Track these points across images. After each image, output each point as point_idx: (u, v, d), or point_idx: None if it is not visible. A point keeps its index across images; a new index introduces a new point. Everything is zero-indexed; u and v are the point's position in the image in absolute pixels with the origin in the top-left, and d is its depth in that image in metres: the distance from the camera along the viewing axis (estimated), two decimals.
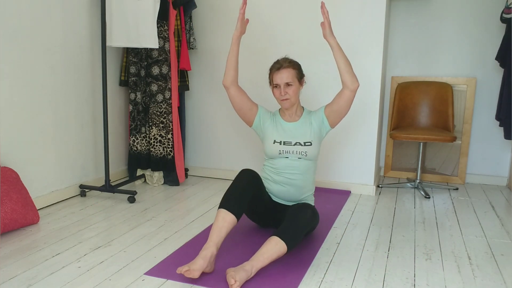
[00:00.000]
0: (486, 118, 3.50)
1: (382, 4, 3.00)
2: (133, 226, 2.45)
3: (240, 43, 3.38)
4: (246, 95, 2.26)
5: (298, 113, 2.26)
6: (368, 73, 3.10)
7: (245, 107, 2.26)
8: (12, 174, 2.39)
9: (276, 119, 2.28)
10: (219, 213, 1.92)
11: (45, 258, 2.02)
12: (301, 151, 2.18)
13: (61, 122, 2.84)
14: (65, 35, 2.81)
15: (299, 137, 2.20)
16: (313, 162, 2.24)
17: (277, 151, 2.20)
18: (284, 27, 3.24)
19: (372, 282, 1.84)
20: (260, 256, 1.79)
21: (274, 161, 2.23)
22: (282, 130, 2.23)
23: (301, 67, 2.26)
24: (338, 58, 2.09)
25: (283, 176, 2.21)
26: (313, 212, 2.00)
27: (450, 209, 2.89)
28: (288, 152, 2.19)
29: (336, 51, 2.09)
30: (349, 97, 2.13)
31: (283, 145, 2.20)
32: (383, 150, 3.77)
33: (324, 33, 2.11)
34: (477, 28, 3.42)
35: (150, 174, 3.37)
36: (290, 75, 2.16)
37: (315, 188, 3.30)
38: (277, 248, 1.81)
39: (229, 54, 2.21)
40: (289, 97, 2.16)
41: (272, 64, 2.23)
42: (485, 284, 1.84)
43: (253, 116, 2.28)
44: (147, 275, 1.86)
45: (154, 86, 3.22)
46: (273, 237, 1.84)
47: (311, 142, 2.20)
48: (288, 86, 2.16)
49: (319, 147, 2.24)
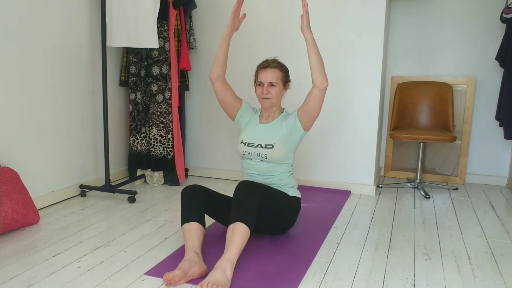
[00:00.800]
0: (486, 118, 3.50)
1: (382, 4, 3.00)
2: (133, 226, 2.45)
3: (239, 43, 3.41)
4: (230, 91, 2.25)
5: (274, 116, 2.24)
6: (368, 73, 3.10)
7: (228, 102, 2.26)
8: (12, 174, 2.39)
9: (253, 118, 2.28)
10: (184, 229, 1.96)
11: (45, 258, 2.02)
12: (261, 153, 2.16)
13: (61, 122, 2.84)
14: (65, 35, 2.81)
15: (262, 139, 2.18)
16: (278, 165, 2.19)
17: (241, 152, 2.24)
18: (284, 27, 3.24)
19: (372, 282, 1.84)
20: (226, 248, 1.79)
21: (242, 162, 2.28)
22: (252, 131, 2.24)
23: (289, 72, 2.24)
24: (312, 55, 2.02)
25: (247, 177, 2.25)
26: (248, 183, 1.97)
27: (450, 209, 2.89)
28: (250, 154, 2.20)
29: (311, 47, 2.02)
30: (318, 97, 2.06)
31: (247, 146, 2.21)
32: (383, 150, 3.78)
33: (302, 26, 2.02)
34: (477, 28, 3.42)
35: (150, 174, 3.37)
36: (276, 76, 2.14)
37: (316, 188, 3.30)
38: (236, 230, 1.81)
39: (218, 50, 2.18)
40: (270, 97, 2.14)
41: (260, 62, 2.23)
42: (485, 284, 1.84)
43: (235, 112, 2.30)
44: (147, 275, 1.86)
45: (154, 86, 3.22)
46: (229, 226, 1.86)
47: (273, 145, 2.15)
48: (271, 86, 2.14)
49: (285, 151, 2.17)
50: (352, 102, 3.17)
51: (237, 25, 2.18)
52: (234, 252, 1.77)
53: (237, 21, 2.16)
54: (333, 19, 3.13)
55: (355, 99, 3.15)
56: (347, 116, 3.20)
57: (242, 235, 1.81)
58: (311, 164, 3.35)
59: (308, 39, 2.02)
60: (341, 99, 3.19)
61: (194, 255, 1.84)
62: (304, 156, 3.35)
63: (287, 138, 2.17)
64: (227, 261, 1.74)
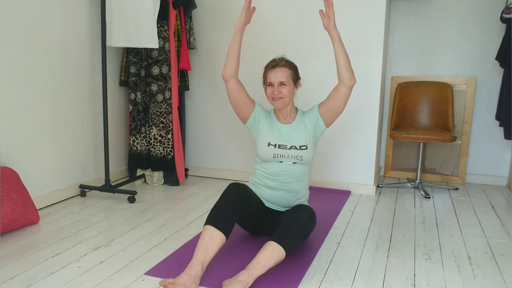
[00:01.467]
0: (486, 118, 3.50)
1: (382, 4, 3.00)
2: (133, 226, 2.45)
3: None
4: (245, 91, 2.12)
5: (292, 115, 2.15)
6: (368, 73, 3.10)
7: (242, 103, 2.12)
8: (12, 174, 2.39)
9: (271, 120, 2.16)
10: (206, 230, 1.81)
11: (45, 258, 2.02)
12: (296, 155, 2.08)
13: (61, 122, 2.84)
14: (65, 35, 2.81)
15: (294, 141, 2.09)
16: (308, 166, 2.15)
17: (271, 155, 2.09)
18: (284, 27, 3.24)
19: (372, 282, 1.84)
20: (257, 263, 1.72)
21: (267, 166, 2.12)
22: (277, 133, 2.12)
23: (298, 69, 2.16)
24: (339, 53, 1.97)
25: (277, 181, 2.11)
26: (310, 214, 1.93)
27: (450, 209, 2.89)
28: (282, 156, 2.08)
29: (338, 45, 1.96)
30: (346, 94, 2.02)
31: (278, 148, 2.08)
32: (383, 150, 3.77)
33: (327, 25, 1.96)
34: (477, 28, 3.42)
35: (150, 174, 3.37)
36: (285, 75, 2.06)
37: (315, 188, 3.30)
38: (275, 253, 1.75)
39: (230, 45, 2.04)
40: (283, 96, 2.05)
41: (268, 62, 2.13)
42: (485, 284, 1.84)
43: (249, 114, 2.15)
44: (147, 275, 1.86)
45: (154, 86, 3.22)
46: (270, 242, 1.77)
47: (307, 146, 2.09)
48: (282, 85, 2.05)
49: (314, 150, 2.14)
50: (352, 102, 3.16)
51: (249, 18, 2.05)
52: (261, 273, 1.72)
53: (249, 13, 2.04)
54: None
55: (355, 99, 3.15)
56: (347, 116, 3.20)
57: (276, 261, 1.76)
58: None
59: (335, 37, 1.96)
60: None
61: (199, 272, 1.71)
62: None
63: (314, 136, 2.12)
64: (252, 278, 1.69)
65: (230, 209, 1.87)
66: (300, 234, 1.85)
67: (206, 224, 1.83)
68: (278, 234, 1.81)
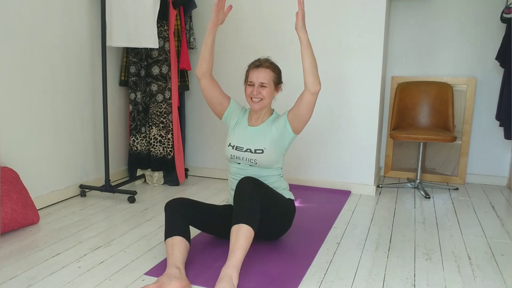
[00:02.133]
0: (486, 118, 3.50)
1: (382, 4, 2.99)
2: (133, 226, 2.45)
3: (240, 43, 3.41)
4: (218, 89, 2.13)
5: (264, 118, 2.13)
6: (368, 73, 3.10)
7: (215, 101, 2.14)
8: (12, 174, 2.39)
9: (242, 119, 2.17)
10: (166, 244, 1.87)
11: (45, 258, 2.02)
12: (250, 158, 2.06)
13: (61, 122, 2.84)
14: (65, 35, 2.81)
15: (251, 144, 2.07)
16: (267, 169, 2.10)
17: (229, 155, 2.13)
18: (284, 27, 3.24)
19: (372, 282, 1.84)
20: (231, 252, 1.73)
21: (229, 166, 2.18)
22: (240, 134, 2.13)
23: (281, 73, 2.14)
24: (305, 56, 1.92)
25: (236, 181, 2.11)
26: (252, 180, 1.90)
27: (450, 209, 2.89)
28: (238, 158, 2.09)
29: (305, 47, 1.92)
30: (310, 100, 1.96)
31: (235, 150, 2.10)
32: (383, 150, 3.77)
33: (296, 25, 1.93)
34: (477, 28, 3.42)
35: (150, 174, 3.37)
36: (268, 76, 2.04)
37: (316, 188, 3.30)
38: (241, 233, 1.75)
39: (202, 45, 2.06)
40: (262, 97, 2.03)
41: (252, 61, 2.11)
42: (485, 284, 1.84)
43: (223, 111, 2.18)
44: (147, 275, 1.86)
45: (154, 86, 3.22)
46: (232, 227, 1.79)
47: (263, 150, 2.04)
48: (262, 86, 2.03)
49: (275, 155, 2.08)
50: (352, 102, 3.16)
51: (222, 18, 2.04)
52: (239, 257, 1.71)
53: (222, 13, 2.03)
54: (333, 19, 3.13)
55: (355, 99, 3.15)
56: (347, 116, 3.20)
57: (247, 238, 1.75)
58: (311, 164, 3.35)
59: (303, 38, 1.93)
60: (341, 99, 3.19)
61: (175, 271, 1.73)
62: (304, 156, 3.35)
63: (277, 142, 2.08)
64: (233, 268, 1.69)
65: (176, 217, 1.92)
66: (252, 202, 1.82)
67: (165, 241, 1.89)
68: (234, 216, 1.82)
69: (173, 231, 1.88)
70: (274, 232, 2.20)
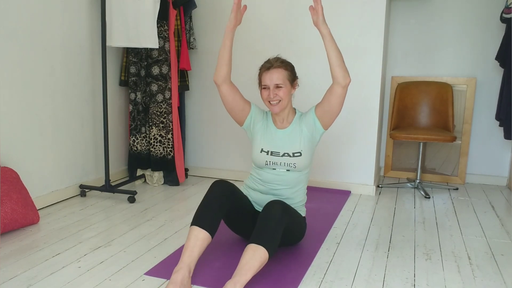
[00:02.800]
0: (486, 118, 3.50)
1: (382, 4, 3.00)
2: (133, 226, 2.45)
3: (239, 43, 3.41)
4: (239, 94, 2.03)
5: (289, 119, 2.05)
6: (368, 73, 3.10)
7: (237, 107, 2.04)
8: (12, 174, 2.39)
9: (267, 123, 2.08)
10: (191, 231, 1.76)
11: (45, 258, 2.02)
12: (289, 163, 1.99)
13: (61, 122, 2.84)
14: (65, 35, 2.81)
15: (288, 147, 2.00)
16: (303, 173, 2.06)
17: (263, 162, 2.02)
18: (284, 26, 3.24)
19: (372, 282, 1.84)
20: (241, 269, 1.65)
21: (260, 172, 2.06)
22: (271, 138, 2.04)
23: (295, 68, 2.05)
24: (330, 50, 1.85)
25: (268, 187, 2.05)
26: (282, 206, 1.82)
27: (450, 209, 2.89)
28: (275, 164, 2.01)
29: (328, 41, 1.85)
30: (341, 94, 1.90)
31: (270, 155, 2.01)
32: (383, 150, 3.77)
33: (316, 20, 1.86)
34: (477, 28, 3.42)
35: (150, 174, 3.37)
36: (281, 76, 1.95)
37: (316, 188, 3.30)
38: (257, 255, 1.67)
39: (221, 48, 1.94)
40: (279, 99, 1.95)
41: (263, 63, 2.02)
42: (485, 284, 1.84)
43: (245, 117, 2.07)
44: (147, 275, 1.86)
45: (154, 86, 3.22)
46: (250, 245, 1.70)
47: (301, 152, 1.99)
48: (278, 88, 1.95)
49: (311, 156, 2.04)
50: (352, 102, 3.16)
51: (240, 19, 1.94)
52: (248, 278, 1.64)
53: (239, 14, 1.93)
54: (333, 19, 3.13)
55: (355, 99, 3.15)
56: (347, 116, 3.20)
57: (261, 262, 1.67)
58: (312, 164, 3.34)
59: (325, 33, 1.85)
60: None
61: (186, 276, 1.67)
62: None
63: (310, 141, 2.02)
64: (240, 285, 1.62)
65: (214, 207, 1.82)
66: (277, 228, 1.75)
67: (191, 225, 1.79)
68: (255, 234, 1.73)
69: (205, 223, 1.78)
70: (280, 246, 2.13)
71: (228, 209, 1.89)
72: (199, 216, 1.80)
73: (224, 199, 1.86)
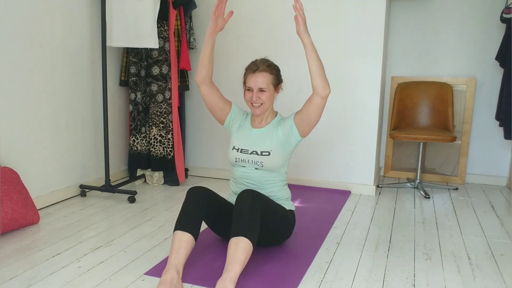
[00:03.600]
0: (486, 118, 3.50)
1: (382, 4, 3.00)
2: (133, 226, 2.45)
3: (239, 43, 3.41)
4: (218, 94, 2.09)
5: (267, 120, 2.09)
6: (368, 73, 3.10)
7: (216, 107, 2.11)
8: (12, 174, 2.39)
9: (245, 123, 2.14)
10: (175, 236, 1.81)
11: (45, 258, 2.02)
12: (256, 161, 2.02)
13: (61, 122, 2.84)
14: (65, 35, 2.81)
15: (257, 146, 2.04)
16: (274, 174, 2.06)
17: (233, 158, 2.08)
18: (284, 27, 3.24)
19: (372, 282, 1.84)
20: (228, 265, 1.68)
21: (233, 170, 2.13)
22: (244, 136, 2.09)
23: (280, 72, 2.07)
24: (311, 59, 1.87)
25: (239, 186, 2.10)
26: (252, 193, 1.85)
27: (450, 209, 2.89)
28: (244, 161, 2.05)
29: (310, 51, 1.87)
30: (319, 104, 1.92)
31: (240, 152, 2.06)
32: (383, 150, 3.78)
33: (298, 29, 1.87)
34: (477, 28, 3.42)
35: (150, 174, 3.37)
36: (266, 80, 1.98)
37: (316, 188, 3.30)
38: (240, 246, 1.70)
39: (201, 51, 2.01)
40: (262, 102, 1.99)
41: (249, 64, 2.04)
42: (485, 284, 1.84)
43: (224, 116, 2.14)
44: (147, 275, 1.86)
45: (154, 86, 3.22)
46: (230, 240, 1.74)
47: (270, 152, 2.01)
48: (261, 91, 1.99)
49: (282, 159, 2.04)
50: (352, 102, 3.17)
51: (221, 25, 1.97)
52: (237, 271, 1.66)
53: (221, 20, 1.96)
54: (333, 19, 3.13)
55: (355, 99, 3.15)
56: (347, 116, 3.20)
57: (245, 252, 1.70)
58: (311, 164, 3.35)
59: (306, 42, 1.87)
60: (341, 99, 3.19)
61: (175, 276, 1.69)
62: (304, 156, 3.35)
63: (283, 145, 2.04)
64: (229, 280, 1.63)
65: (193, 211, 1.87)
66: (252, 215, 1.79)
67: (174, 231, 1.84)
68: (233, 228, 1.78)
69: (187, 226, 1.83)
70: (271, 242, 2.16)
71: (207, 212, 1.95)
72: (180, 221, 1.86)
73: (201, 202, 1.91)
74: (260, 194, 1.91)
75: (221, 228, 2.13)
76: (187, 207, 1.89)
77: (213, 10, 1.92)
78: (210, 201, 1.97)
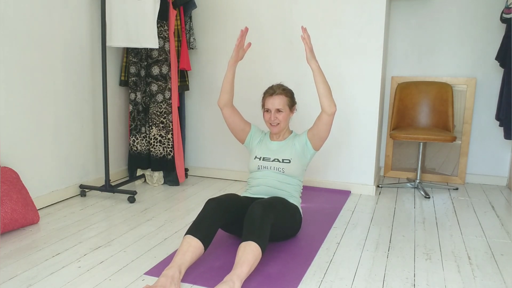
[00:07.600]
0: (486, 118, 3.50)
1: (382, 4, 3.00)
2: (133, 226, 2.45)
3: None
4: (238, 116, 2.35)
5: (285, 136, 2.34)
6: (368, 73, 3.10)
7: (237, 128, 2.36)
8: (12, 174, 2.39)
9: (265, 138, 2.37)
10: (185, 239, 1.84)
11: (45, 258, 2.02)
12: (278, 167, 2.23)
13: (61, 122, 2.84)
14: (65, 35, 2.81)
15: (278, 155, 2.26)
16: (292, 178, 2.25)
17: (256, 166, 2.28)
18: (284, 27, 3.24)
19: (372, 282, 1.84)
20: (237, 264, 1.72)
21: (253, 174, 2.30)
22: (266, 148, 2.31)
23: (294, 95, 2.33)
24: (318, 82, 2.13)
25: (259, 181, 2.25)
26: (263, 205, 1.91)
27: (450, 209, 2.89)
28: (266, 168, 2.26)
29: (317, 75, 2.13)
30: (327, 121, 2.17)
31: (262, 160, 2.27)
32: (383, 150, 3.77)
33: (306, 57, 2.16)
34: (477, 28, 3.42)
35: (150, 174, 3.37)
36: (282, 102, 2.24)
37: (316, 188, 3.30)
38: (249, 249, 1.75)
39: (224, 78, 2.30)
40: (279, 122, 2.24)
41: (266, 89, 2.30)
42: (485, 284, 1.84)
43: (245, 136, 2.39)
44: (147, 275, 1.86)
45: (154, 86, 3.22)
46: (241, 244, 1.80)
47: (290, 160, 2.23)
48: (278, 112, 2.24)
49: (300, 167, 2.26)
50: (352, 102, 3.17)
51: (242, 55, 2.30)
52: (244, 270, 1.70)
53: (242, 51, 2.29)
54: (333, 19, 3.13)
55: (355, 99, 3.15)
56: (347, 116, 3.20)
57: (254, 255, 1.75)
58: (311, 164, 3.35)
59: (314, 68, 2.13)
60: (341, 99, 3.19)
61: (176, 274, 1.71)
62: None
63: (300, 156, 2.26)
64: (237, 277, 1.67)
65: (209, 221, 1.90)
66: (263, 224, 1.83)
67: (185, 235, 1.86)
68: (244, 235, 1.82)
69: (198, 232, 1.85)
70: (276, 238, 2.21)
71: (223, 223, 1.97)
72: (194, 227, 1.88)
73: (219, 214, 1.94)
74: (272, 204, 1.96)
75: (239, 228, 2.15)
76: (202, 217, 1.92)
77: (236, 44, 2.24)
78: (227, 212, 1.98)
